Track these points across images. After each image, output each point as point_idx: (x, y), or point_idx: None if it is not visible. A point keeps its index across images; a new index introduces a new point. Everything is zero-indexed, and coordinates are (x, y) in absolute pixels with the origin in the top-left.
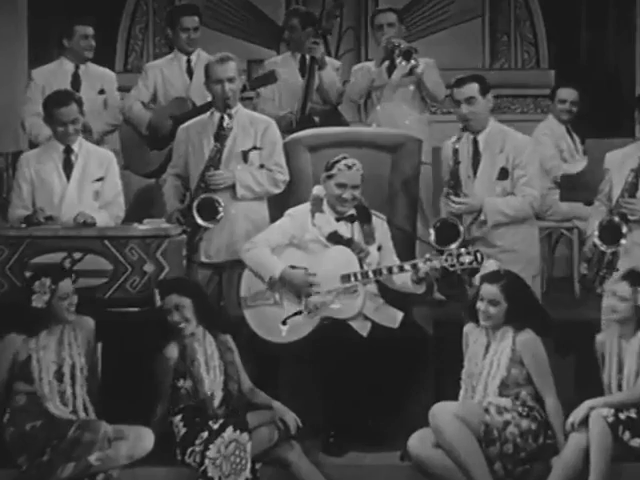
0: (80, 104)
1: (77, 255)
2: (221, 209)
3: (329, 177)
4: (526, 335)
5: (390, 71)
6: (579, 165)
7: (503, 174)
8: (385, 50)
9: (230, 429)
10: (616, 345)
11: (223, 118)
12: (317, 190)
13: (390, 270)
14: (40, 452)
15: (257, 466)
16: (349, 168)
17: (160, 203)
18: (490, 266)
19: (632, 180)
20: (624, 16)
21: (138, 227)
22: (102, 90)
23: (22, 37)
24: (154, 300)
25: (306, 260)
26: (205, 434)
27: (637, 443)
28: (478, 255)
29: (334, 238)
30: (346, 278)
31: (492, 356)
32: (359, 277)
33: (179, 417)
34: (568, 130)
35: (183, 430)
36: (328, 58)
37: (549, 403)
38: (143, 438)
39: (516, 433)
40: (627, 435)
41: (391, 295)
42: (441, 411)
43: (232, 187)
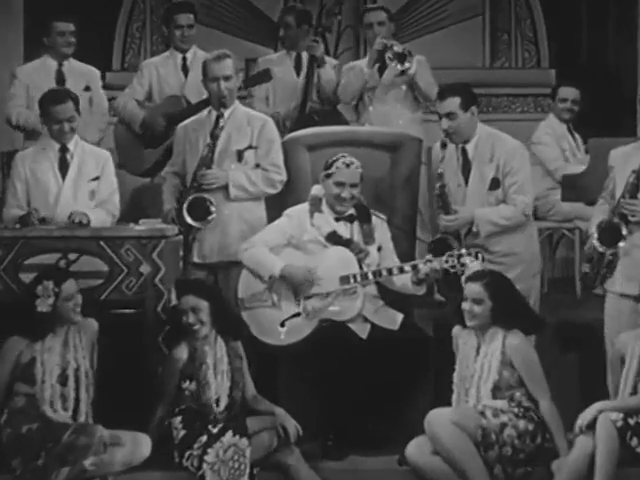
0: (76, 102)
1: (72, 256)
2: (213, 209)
3: (328, 176)
4: (515, 339)
5: (381, 71)
6: (581, 165)
7: (494, 184)
8: (377, 51)
9: (229, 434)
10: (638, 348)
11: (219, 116)
12: (316, 190)
13: (390, 271)
14: (35, 455)
15: (255, 471)
16: (347, 166)
17: (156, 203)
18: (474, 266)
19: (633, 181)
20: (625, 15)
21: (134, 227)
22: (87, 87)
23: (18, 38)
24: (169, 299)
25: (304, 261)
26: (204, 438)
27: None
28: (479, 256)
29: (333, 238)
30: (345, 279)
31: (482, 359)
32: (358, 278)
33: (179, 419)
34: (569, 129)
35: (182, 432)
36: (325, 57)
37: (544, 406)
38: (140, 445)
39: (514, 435)
40: (635, 441)
41: (391, 296)
42: (436, 418)
43: (226, 187)
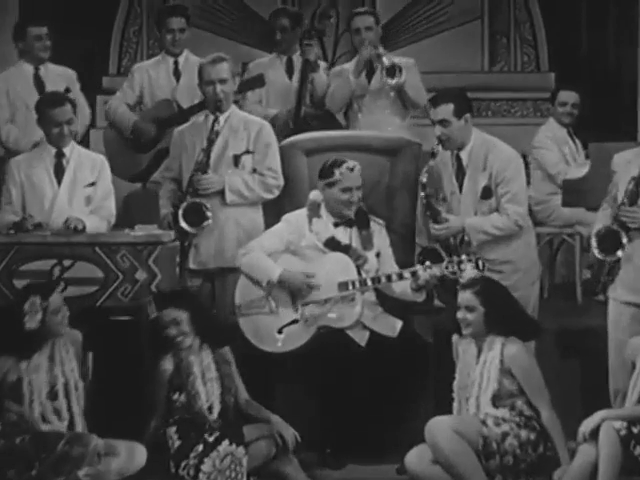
0: (74, 105)
1: (67, 262)
2: (209, 214)
3: (330, 185)
4: (513, 348)
5: (369, 78)
6: (582, 170)
7: (487, 193)
8: (364, 61)
9: (226, 442)
10: None
11: (217, 121)
12: (313, 195)
13: (389, 278)
14: (29, 466)
15: None
16: (351, 171)
17: (149, 208)
18: (467, 274)
19: (632, 188)
20: (625, 18)
21: (130, 233)
22: (67, 89)
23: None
24: (148, 312)
25: (303, 267)
26: (200, 447)
27: None
28: (479, 262)
29: (331, 244)
30: (344, 286)
31: (482, 367)
32: (357, 285)
33: (174, 429)
34: (569, 133)
35: (178, 442)
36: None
37: (545, 415)
38: (135, 454)
39: (515, 444)
40: (638, 450)
41: (390, 303)
42: (437, 426)
43: (222, 192)
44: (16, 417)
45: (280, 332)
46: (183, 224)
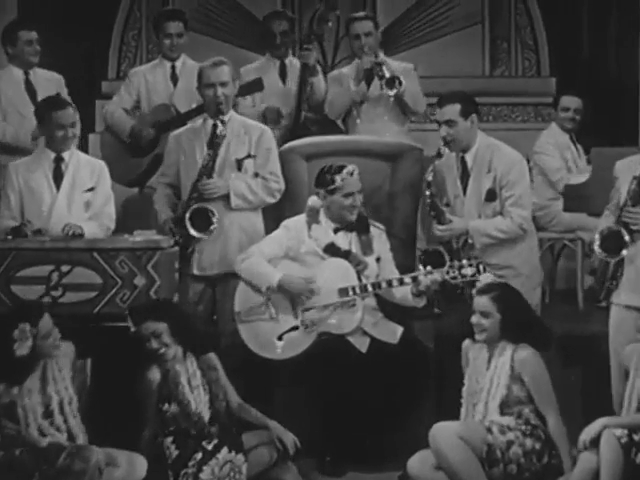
0: (75, 109)
1: (65, 268)
2: (215, 219)
3: (332, 191)
4: (524, 353)
5: (368, 84)
6: (583, 175)
7: (490, 196)
8: (364, 70)
9: (225, 450)
10: None
11: (216, 125)
12: (312, 201)
13: (390, 283)
14: (29, 478)
15: None
16: (351, 175)
17: (146, 214)
18: (485, 279)
19: (635, 188)
20: (626, 21)
21: (128, 239)
22: (58, 94)
23: None
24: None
25: (302, 273)
26: (199, 455)
27: None
28: (480, 267)
29: (331, 250)
30: (344, 292)
31: (492, 373)
32: (357, 291)
33: (170, 439)
34: (572, 139)
35: (175, 452)
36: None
37: (552, 423)
38: (136, 466)
39: (520, 453)
40: None
41: (390, 308)
42: (441, 432)
43: (225, 197)
44: (14, 431)
45: (280, 339)
46: (191, 230)
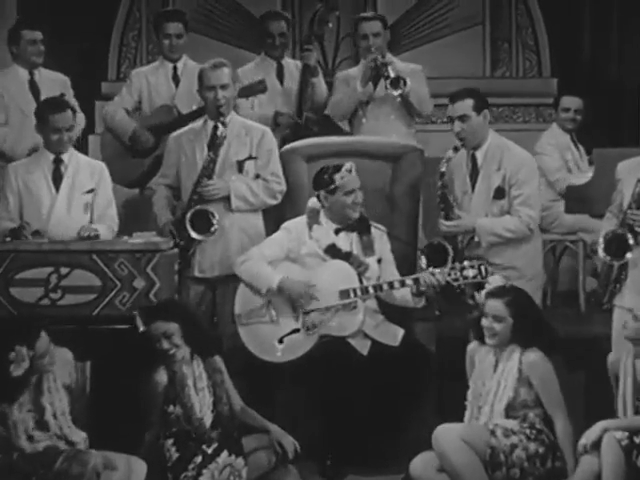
0: (74, 112)
1: (64, 270)
2: (215, 221)
3: (332, 191)
4: (533, 355)
5: (375, 84)
6: (585, 176)
7: (499, 193)
8: (371, 69)
9: (225, 453)
10: (631, 366)
11: (217, 127)
12: (312, 202)
13: (391, 285)
14: None
15: None
16: (350, 172)
17: (146, 216)
18: (495, 281)
19: (639, 190)
20: (628, 22)
21: (128, 241)
22: (62, 94)
23: None
24: (136, 324)
25: (303, 275)
26: (199, 459)
27: None
28: (482, 269)
29: (332, 251)
30: (345, 294)
31: (499, 376)
32: (358, 292)
33: (171, 441)
34: (573, 140)
35: (175, 455)
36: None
37: (560, 426)
38: (134, 469)
39: (523, 457)
40: None
41: (390, 310)
42: (445, 434)
43: (226, 198)
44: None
45: (281, 341)
46: (191, 232)
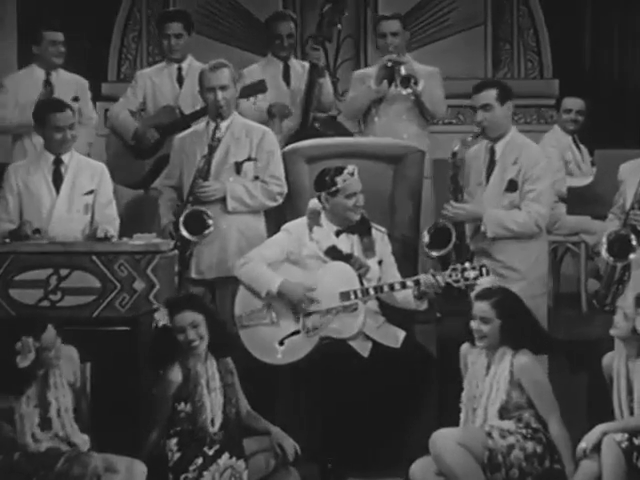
0: (74, 111)
1: (64, 272)
2: (210, 222)
3: (334, 193)
4: (523, 358)
5: (390, 82)
6: (586, 177)
7: (512, 186)
8: (385, 67)
9: (226, 456)
10: (624, 366)
11: (217, 128)
12: (313, 204)
13: (392, 287)
14: None
15: None
16: (352, 175)
17: (151, 216)
18: (483, 283)
19: None
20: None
21: (128, 242)
22: (76, 98)
23: (12, 48)
24: (156, 318)
25: (303, 277)
26: (200, 460)
27: None
28: (483, 270)
29: (332, 253)
30: (345, 296)
31: (491, 379)
32: (359, 294)
33: (174, 441)
34: (574, 141)
35: (177, 455)
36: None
37: (553, 429)
38: (135, 472)
39: (521, 457)
40: None
41: (392, 312)
42: (441, 438)
43: (223, 200)
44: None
45: (282, 343)
46: (184, 232)
